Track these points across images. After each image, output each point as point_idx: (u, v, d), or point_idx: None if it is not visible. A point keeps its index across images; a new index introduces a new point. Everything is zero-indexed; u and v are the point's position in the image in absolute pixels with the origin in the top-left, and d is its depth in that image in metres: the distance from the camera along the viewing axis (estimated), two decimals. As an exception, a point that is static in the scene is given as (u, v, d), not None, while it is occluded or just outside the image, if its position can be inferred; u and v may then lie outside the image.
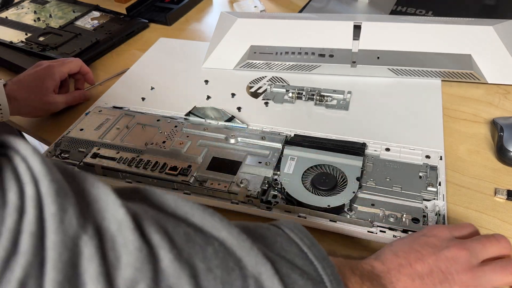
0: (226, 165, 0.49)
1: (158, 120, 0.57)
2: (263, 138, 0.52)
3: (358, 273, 0.31)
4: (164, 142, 0.53)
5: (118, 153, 0.52)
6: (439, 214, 0.43)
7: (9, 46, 0.77)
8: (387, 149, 0.51)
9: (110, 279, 0.20)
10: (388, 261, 0.33)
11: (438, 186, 0.45)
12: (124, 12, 0.88)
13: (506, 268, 0.32)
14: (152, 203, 0.26)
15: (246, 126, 0.56)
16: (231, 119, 0.56)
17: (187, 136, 0.54)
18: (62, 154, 0.54)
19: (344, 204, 0.43)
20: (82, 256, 0.20)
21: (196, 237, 0.24)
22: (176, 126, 0.55)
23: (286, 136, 0.53)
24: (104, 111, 0.60)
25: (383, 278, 0.32)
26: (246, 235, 0.26)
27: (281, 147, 0.51)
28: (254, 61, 0.66)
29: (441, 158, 0.49)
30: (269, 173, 0.47)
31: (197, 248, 0.24)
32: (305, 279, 0.27)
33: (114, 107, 0.62)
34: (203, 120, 0.57)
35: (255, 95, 0.63)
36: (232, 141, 0.53)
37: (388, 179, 0.46)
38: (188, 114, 0.58)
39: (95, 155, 0.52)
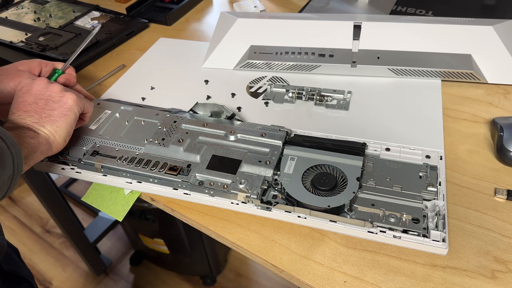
0: (226, 164, 0.49)
1: (157, 114, 0.57)
2: (263, 135, 0.52)
3: (11, 126, 0.45)
4: (163, 139, 0.53)
5: (117, 150, 0.52)
6: (439, 214, 0.43)
7: (9, 46, 0.77)
8: (387, 149, 0.51)
9: None
10: (14, 118, 0.46)
11: (438, 186, 0.45)
12: (124, 12, 0.88)
13: (65, 75, 0.56)
14: None
15: None
16: (232, 116, 0.55)
17: (187, 133, 0.53)
18: (63, 153, 0.53)
19: (344, 204, 0.43)
20: None
21: None
22: (175, 121, 0.55)
23: (287, 133, 0.53)
24: (102, 104, 0.60)
25: (25, 126, 0.46)
26: None
27: (281, 145, 0.51)
28: (254, 61, 0.66)
29: (441, 158, 0.49)
30: (269, 172, 0.47)
31: None
32: None
33: (112, 99, 0.62)
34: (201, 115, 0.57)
35: (255, 95, 0.63)
36: (232, 137, 0.52)
37: (388, 179, 0.46)
38: (190, 110, 0.57)
39: (95, 153, 0.52)
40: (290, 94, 0.61)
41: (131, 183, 0.50)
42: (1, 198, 0.41)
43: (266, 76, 0.66)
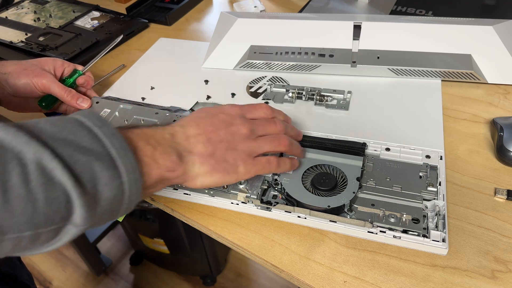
0: (226, 165, 0.49)
1: (156, 113, 0.57)
2: None
3: (153, 143, 0.36)
4: None
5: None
6: (439, 214, 0.43)
7: (9, 46, 0.77)
8: (387, 149, 0.51)
9: None
10: (189, 131, 0.40)
11: (438, 186, 0.45)
12: (124, 12, 0.88)
13: (274, 141, 0.43)
14: None
15: None
16: None
17: None
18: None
19: (344, 205, 0.43)
20: None
21: None
22: (174, 120, 0.55)
23: None
24: (101, 102, 0.60)
25: (181, 144, 0.38)
26: (24, 132, 0.28)
27: None
28: (254, 61, 0.66)
29: (441, 158, 0.49)
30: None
31: None
32: (89, 155, 0.30)
33: (111, 97, 0.62)
34: None
35: (255, 95, 0.63)
36: None
37: (388, 179, 0.46)
38: (190, 110, 0.58)
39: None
40: (290, 94, 0.61)
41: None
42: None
43: (266, 76, 0.66)
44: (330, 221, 0.43)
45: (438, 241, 0.40)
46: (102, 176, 0.30)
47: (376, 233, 0.42)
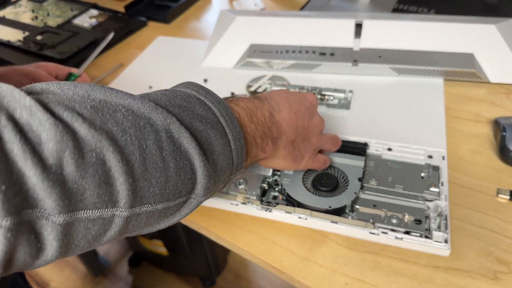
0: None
1: None
2: None
3: (255, 120, 0.36)
4: None
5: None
6: (442, 215, 0.42)
7: (7, 45, 0.76)
8: (389, 149, 0.50)
9: (36, 153, 0.21)
10: (284, 113, 0.39)
11: (441, 186, 0.45)
12: (123, 10, 0.87)
13: (337, 142, 0.47)
14: (52, 92, 0.26)
15: None
16: None
17: None
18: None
19: (345, 205, 0.43)
20: (2, 141, 0.21)
21: (103, 108, 0.25)
22: None
23: None
24: None
25: (276, 126, 0.38)
26: (148, 99, 0.28)
27: None
28: (254, 60, 0.65)
29: (443, 158, 0.48)
30: (267, 171, 0.47)
31: (106, 116, 0.25)
32: (204, 123, 0.30)
33: None
34: None
35: (255, 94, 0.63)
36: None
37: (390, 179, 0.46)
38: None
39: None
40: (290, 93, 0.60)
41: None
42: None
43: (266, 75, 0.66)
44: (331, 222, 0.43)
45: (441, 242, 0.40)
46: (217, 144, 0.30)
47: (378, 234, 0.41)
